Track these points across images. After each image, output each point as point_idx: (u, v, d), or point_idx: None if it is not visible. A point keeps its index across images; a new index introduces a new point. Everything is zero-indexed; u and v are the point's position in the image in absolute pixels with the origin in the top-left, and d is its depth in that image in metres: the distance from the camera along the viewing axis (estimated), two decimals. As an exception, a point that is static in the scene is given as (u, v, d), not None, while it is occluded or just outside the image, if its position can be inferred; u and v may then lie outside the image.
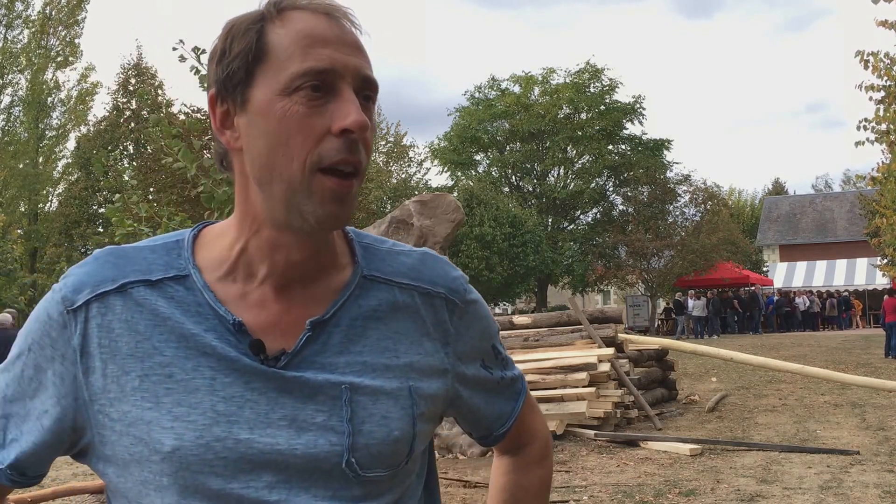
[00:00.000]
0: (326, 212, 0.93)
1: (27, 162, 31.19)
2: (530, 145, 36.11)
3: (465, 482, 7.11)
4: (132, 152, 33.61)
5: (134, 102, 34.19)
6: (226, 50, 0.96)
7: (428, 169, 41.93)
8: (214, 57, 0.98)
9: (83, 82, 33.19)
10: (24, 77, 31.55)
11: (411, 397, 1.00)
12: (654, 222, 32.62)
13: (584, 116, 36.08)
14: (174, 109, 23.03)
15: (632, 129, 37.14)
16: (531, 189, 36.92)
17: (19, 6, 31.47)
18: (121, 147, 33.97)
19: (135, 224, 4.56)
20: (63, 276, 0.99)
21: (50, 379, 0.96)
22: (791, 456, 7.91)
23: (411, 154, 41.68)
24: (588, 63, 36.39)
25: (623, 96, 38.12)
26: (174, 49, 4.68)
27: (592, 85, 36.45)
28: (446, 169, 37.72)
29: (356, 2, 1.07)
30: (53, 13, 32.09)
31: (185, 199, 20.06)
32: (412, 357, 1.02)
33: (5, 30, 31.38)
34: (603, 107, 35.96)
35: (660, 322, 34.53)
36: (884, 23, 12.73)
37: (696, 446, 8.27)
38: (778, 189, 63.31)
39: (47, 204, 34.10)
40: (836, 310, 33.36)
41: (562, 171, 36.84)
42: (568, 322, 11.32)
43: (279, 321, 0.98)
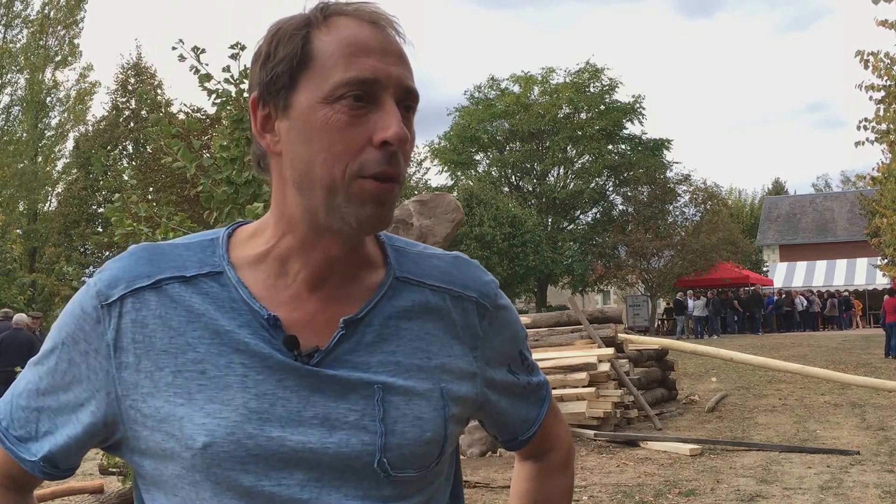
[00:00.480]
0: (368, 213, 0.93)
1: (26, 162, 31.12)
2: (530, 145, 36.09)
3: (465, 482, 7.12)
4: (131, 152, 33.60)
5: (133, 102, 34.17)
6: (270, 53, 0.96)
7: (428, 169, 42.05)
8: (259, 59, 0.98)
9: (82, 82, 33.11)
10: (23, 77, 31.50)
11: (443, 399, 1.00)
12: (654, 222, 32.57)
13: (584, 116, 36.02)
14: (174, 109, 23.03)
15: (632, 129, 37.15)
16: (531, 189, 36.90)
17: (18, 6, 31.40)
18: (120, 147, 33.93)
19: (134, 224, 4.54)
20: (98, 271, 1.00)
21: (83, 373, 0.97)
22: (791, 456, 7.91)
23: (411, 154, 41.68)
24: (588, 63, 36.34)
25: (623, 96, 38.17)
26: (174, 49, 4.67)
27: (592, 85, 36.40)
28: (446, 169, 37.68)
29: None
30: (52, 13, 32.03)
31: (185, 199, 20.08)
32: (443, 359, 1.02)
33: (4, 29, 31.31)
34: (603, 106, 35.92)
35: (660, 322, 34.51)
36: (884, 23, 12.71)
37: (696, 446, 8.27)
38: (778, 189, 63.28)
39: (46, 204, 34.00)
40: (836, 310, 33.32)
41: (562, 171, 36.82)
42: (568, 322, 11.33)
43: (312, 319, 0.98)
